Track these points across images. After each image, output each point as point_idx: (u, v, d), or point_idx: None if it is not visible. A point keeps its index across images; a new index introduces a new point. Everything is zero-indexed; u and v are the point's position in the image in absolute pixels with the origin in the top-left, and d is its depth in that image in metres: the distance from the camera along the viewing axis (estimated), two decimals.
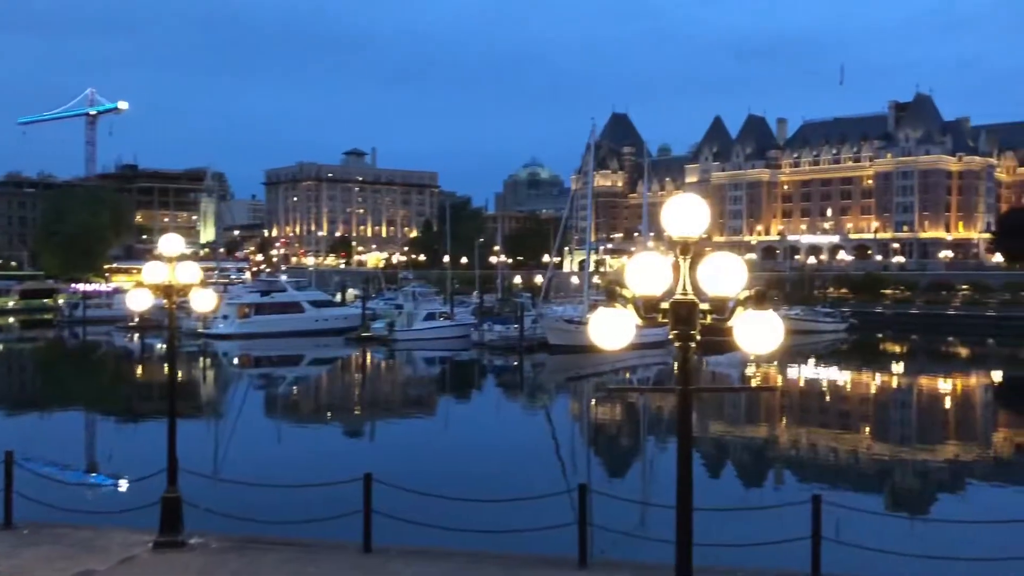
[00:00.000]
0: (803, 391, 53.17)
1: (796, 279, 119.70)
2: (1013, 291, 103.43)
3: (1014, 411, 47.94)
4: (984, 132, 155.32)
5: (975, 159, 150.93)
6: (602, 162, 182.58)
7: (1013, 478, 29.01)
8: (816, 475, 28.85)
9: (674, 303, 5.49)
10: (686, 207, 5.58)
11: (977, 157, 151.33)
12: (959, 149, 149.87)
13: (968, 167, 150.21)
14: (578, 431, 38.84)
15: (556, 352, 61.44)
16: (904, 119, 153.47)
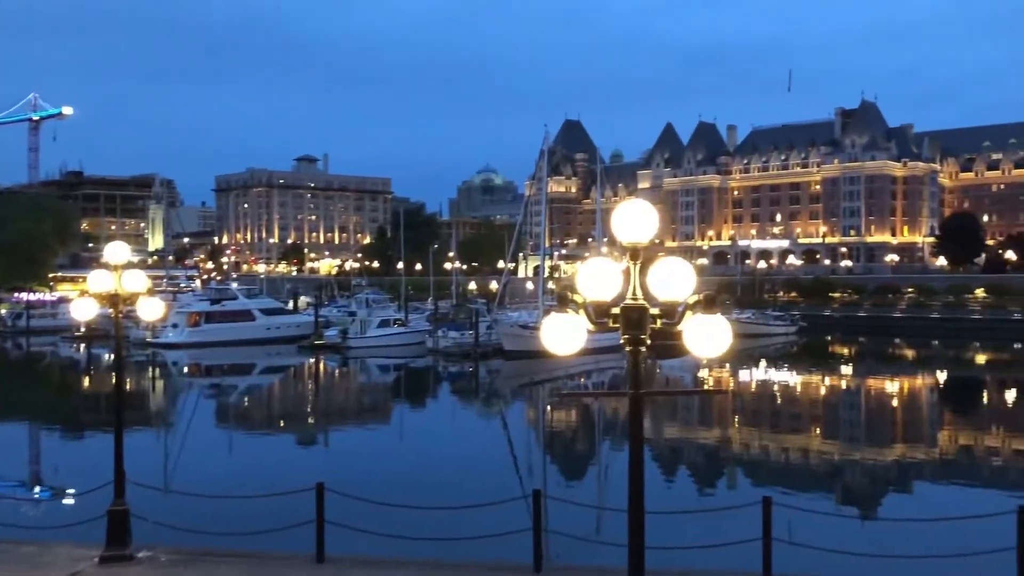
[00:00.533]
0: (755, 394, 53.88)
1: (747, 283, 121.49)
2: (956, 294, 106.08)
3: (958, 411, 49.11)
4: (927, 139, 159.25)
5: (919, 165, 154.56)
6: (556, 168, 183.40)
7: (958, 476, 29.69)
8: (768, 476, 29.23)
9: (625, 308, 5.53)
10: (635, 213, 5.63)
11: (921, 163, 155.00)
12: (904, 155, 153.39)
13: (912, 173, 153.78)
14: (533, 437, 38.85)
15: (511, 358, 61.48)
16: (850, 125, 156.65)
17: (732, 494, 26.25)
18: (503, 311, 73.34)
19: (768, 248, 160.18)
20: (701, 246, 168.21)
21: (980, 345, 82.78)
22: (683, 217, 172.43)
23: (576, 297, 5.61)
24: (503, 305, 76.59)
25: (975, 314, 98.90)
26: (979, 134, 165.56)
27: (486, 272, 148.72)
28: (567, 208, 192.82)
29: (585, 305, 5.60)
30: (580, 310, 5.58)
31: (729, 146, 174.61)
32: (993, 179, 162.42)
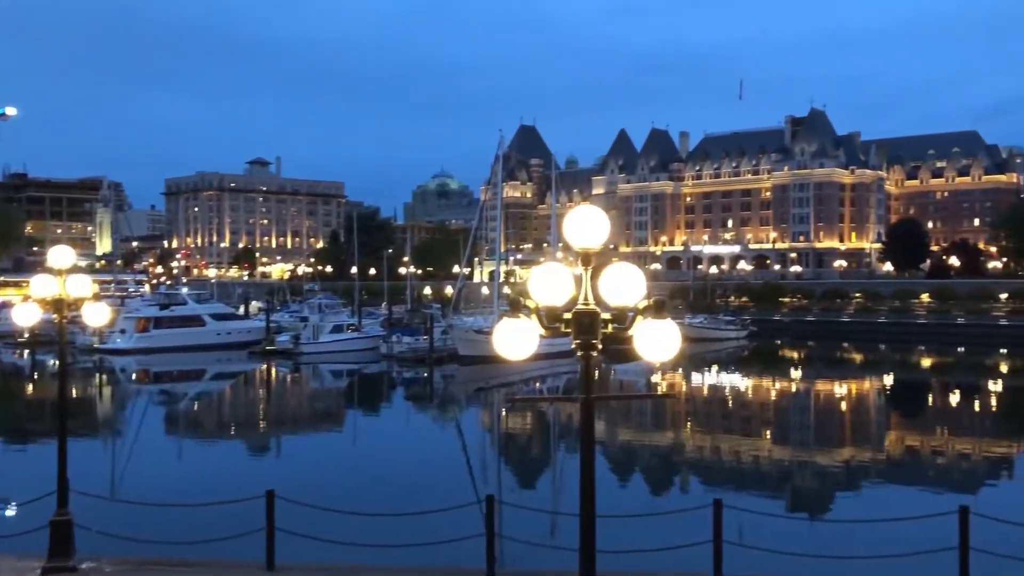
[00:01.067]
0: (707, 397, 54.50)
1: (699, 288, 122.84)
2: (902, 298, 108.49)
3: (904, 413, 50.20)
4: (874, 146, 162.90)
5: (866, 172, 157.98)
6: (511, 173, 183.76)
7: (904, 477, 30.33)
8: (719, 479, 29.56)
9: (576, 313, 5.56)
10: (587, 219, 5.66)
11: (868, 170, 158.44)
12: (851, 163, 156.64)
13: (860, 180, 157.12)
14: (488, 442, 38.83)
15: (466, 363, 61.37)
16: (800, 133, 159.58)
17: (684, 497, 26.50)
18: (458, 316, 73.18)
19: (720, 253, 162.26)
20: (654, 251, 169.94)
21: (925, 349, 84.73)
22: (637, 223, 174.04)
23: (528, 302, 5.63)
24: (458, 310, 76.41)
25: (920, 318, 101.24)
26: (924, 143, 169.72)
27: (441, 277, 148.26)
28: (522, 213, 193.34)
29: (537, 310, 5.61)
30: (532, 315, 5.60)
31: (682, 153, 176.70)
32: (937, 187, 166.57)
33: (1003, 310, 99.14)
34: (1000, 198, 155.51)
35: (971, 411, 49.76)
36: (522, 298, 5.73)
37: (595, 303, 5.72)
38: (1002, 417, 47.73)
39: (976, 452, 36.23)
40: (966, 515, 12.33)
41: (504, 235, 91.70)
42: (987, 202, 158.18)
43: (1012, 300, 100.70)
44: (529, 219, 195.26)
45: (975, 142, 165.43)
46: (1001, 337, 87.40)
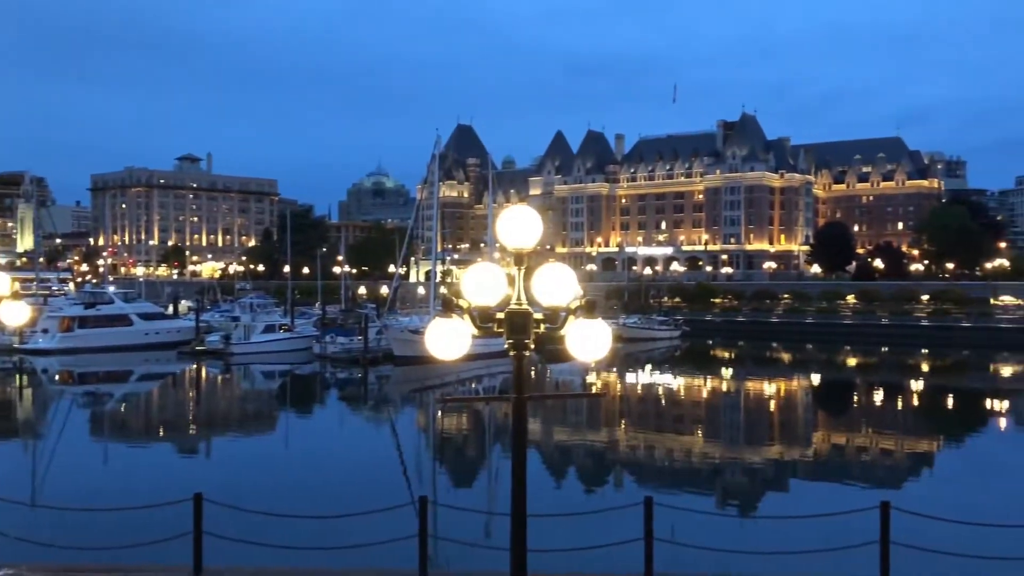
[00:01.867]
0: (640, 396, 55.15)
1: (633, 289, 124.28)
2: (829, 300, 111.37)
3: (830, 411, 51.53)
4: (803, 151, 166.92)
5: (795, 176, 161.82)
6: (448, 173, 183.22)
7: (830, 474, 31.13)
8: (652, 477, 29.94)
9: (509, 313, 5.57)
10: (520, 219, 5.67)
11: (797, 175, 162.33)
12: (781, 167, 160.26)
13: (789, 184, 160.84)
14: (423, 443, 38.66)
15: (401, 364, 61.00)
16: (731, 137, 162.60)
17: (617, 495, 26.75)
18: (393, 316, 72.68)
19: (654, 255, 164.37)
20: (590, 252, 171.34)
21: (851, 349, 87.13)
22: (573, 223, 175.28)
23: (461, 302, 5.62)
24: (393, 310, 75.92)
25: (846, 319, 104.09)
26: (851, 148, 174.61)
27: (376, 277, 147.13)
28: (459, 213, 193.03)
29: (470, 310, 5.61)
30: (465, 315, 5.59)
31: (617, 155, 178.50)
32: (863, 191, 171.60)
33: (924, 311, 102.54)
34: (922, 202, 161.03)
35: (894, 409, 51.32)
36: (455, 298, 5.72)
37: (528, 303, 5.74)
38: (923, 415, 49.34)
39: (898, 449, 37.38)
40: (887, 510, 12.70)
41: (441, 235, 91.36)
42: (910, 206, 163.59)
43: (933, 301, 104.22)
44: (466, 219, 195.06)
45: (899, 148, 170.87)
46: (922, 337, 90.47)
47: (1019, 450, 38.04)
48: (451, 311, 5.56)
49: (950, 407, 52.85)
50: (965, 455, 36.82)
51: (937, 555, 13.45)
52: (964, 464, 34.25)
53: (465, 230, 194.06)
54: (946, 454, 36.90)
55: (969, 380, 67.33)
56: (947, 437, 40.68)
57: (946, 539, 15.27)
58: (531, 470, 21.64)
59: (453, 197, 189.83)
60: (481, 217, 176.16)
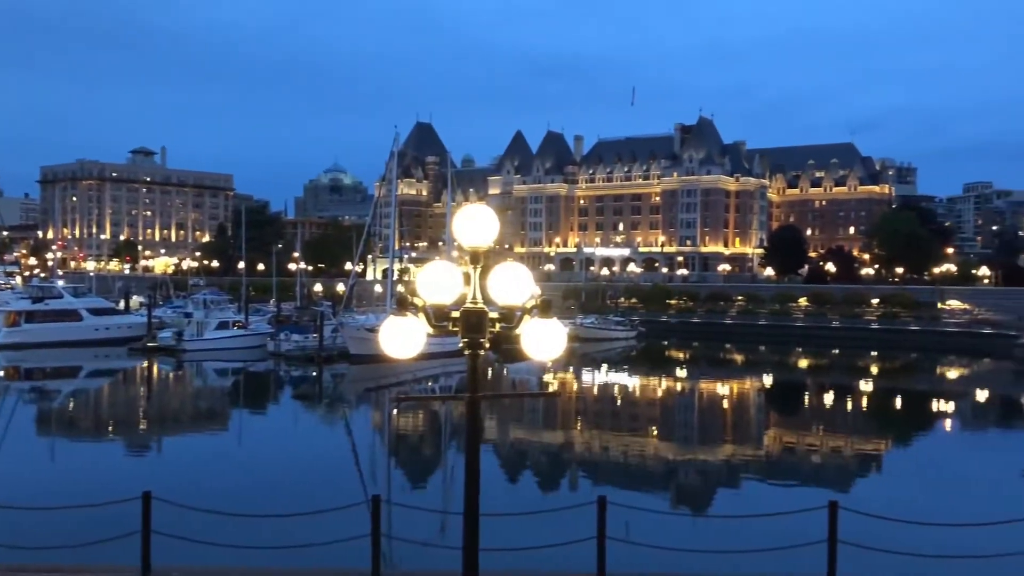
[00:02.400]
0: (596, 396, 55.45)
1: (591, 289, 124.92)
2: (782, 302, 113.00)
3: (782, 412, 52.29)
4: (758, 155, 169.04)
5: (750, 180, 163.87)
6: (407, 170, 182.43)
7: (781, 473, 31.60)
8: (607, 477, 30.12)
9: (464, 312, 5.56)
10: (476, 218, 5.66)
11: (752, 178, 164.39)
12: (736, 170, 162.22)
13: (744, 187, 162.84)
14: (378, 442, 38.47)
15: (357, 362, 60.57)
16: (688, 141, 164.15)
17: (572, 494, 26.89)
18: (349, 314, 72.18)
19: (611, 256, 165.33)
20: (548, 252, 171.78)
21: (802, 350, 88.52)
22: (532, 223, 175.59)
23: (416, 300, 5.59)
24: (349, 308, 75.40)
25: (798, 321, 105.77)
26: (805, 153, 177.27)
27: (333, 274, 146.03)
28: (418, 211, 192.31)
29: (425, 308, 5.58)
30: (419, 313, 5.57)
31: (576, 156, 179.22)
32: (816, 195, 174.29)
33: (874, 314, 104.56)
34: (873, 208, 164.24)
35: (843, 410, 52.24)
36: (410, 296, 5.69)
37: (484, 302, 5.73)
38: (872, 416, 50.30)
39: (847, 449, 38.06)
40: (835, 510, 12.93)
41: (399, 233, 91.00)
42: (861, 211, 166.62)
43: (882, 305, 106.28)
44: (424, 217, 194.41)
45: (851, 154, 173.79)
46: (872, 340, 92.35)
47: (963, 451, 38.96)
48: (405, 309, 5.54)
49: (898, 408, 53.95)
50: (911, 455, 37.62)
51: (882, 553, 13.72)
52: (910, 464, 34.99)
53: (423, 228, 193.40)
54: (893, 454, 37.65)
55: (916, 382, 68.81)
56: (895, 438, 41.51)
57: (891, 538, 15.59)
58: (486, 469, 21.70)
59: (412, 195, 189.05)
60: (440, 216, 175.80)
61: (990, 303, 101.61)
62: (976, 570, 13.62)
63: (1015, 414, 52.44)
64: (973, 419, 49.67)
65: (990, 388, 64.43)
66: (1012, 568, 13.43)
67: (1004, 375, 70.37)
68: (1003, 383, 66.76)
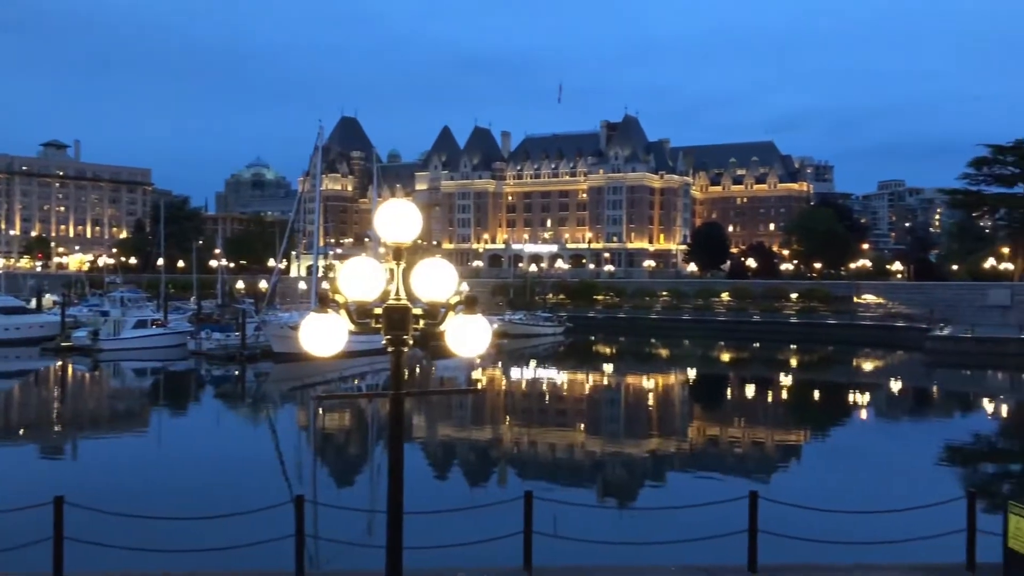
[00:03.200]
0: (524, 392, 55.70)
1: (519, 286, 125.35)
2: (705, 297, 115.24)
3: (705, 405, 53.33)
4: (682, 153, 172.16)
5: (674, 178, 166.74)
6: (331, 165, 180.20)
7: (704, 465, 32.20)
8: (535, 472, 30.27)
9: (387, 308, 5.50)
10: (398, 213, 5.61)
11: (676, 176, 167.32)
12: (661, 168, 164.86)
13: (668, 185, 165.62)
14: (303, 441, 37.91)
15: (281, 360, 59.64)
16: (614, 138, 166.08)
17: (500, 490, 26.94)
18: (273, 311, 71.00)
19: (539, 252, 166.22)
20: (477, 249, 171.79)
21: (724, 344, 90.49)
22: (460, 220, 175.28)
23: (337, 297, 5.52)
24: (273, 305, 74.18)
25: (721, 316, 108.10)
26: (727, 151, 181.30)
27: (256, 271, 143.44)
28: (343, 207, 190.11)
29: (346, 305, 5.51)
30: (341, 310, 5.49)
31: (503, 152, 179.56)
32: (738, 193, 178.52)
33: (793, 308, 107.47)
34: (792, 205, 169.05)
35: (764, 402, 53.55)
36: (331, 293, 5.61)
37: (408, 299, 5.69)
38: (791, 408, 51.68)
39: (768, 440, 39.02)
40: (755, 500, 13.25)
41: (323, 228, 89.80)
42: (781, 208, 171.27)
43: (801, 299, 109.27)
44: (350, 213, 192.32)
45: (771, 152, 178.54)
46: (791, 333, 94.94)
47: (878, 440, 40.32)
48: (327, 306, 5.46)
49: (816, 400, 55.54)
50: (830, 445, 38.78)
51: (801, 541, 14.11)
52: (828, 454, 36.05)
53: (349, 224, 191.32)
54: (812, 444, 38.75)
55: (834, 374, 70.95)
56: (813, 428, 42.73)
57: (810, 525, 16.05)
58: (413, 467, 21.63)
59: (336, 190, 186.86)
60: (366, 211, 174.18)
61: (903, 297, 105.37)
62: (892, 554, 14.12)
63: (926, 404, 54.53)
64: (887, 409, 51.45)
65: (903, 379, 66.86)
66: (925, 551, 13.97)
67: (916, 367, 73.09)
68: (915, 375, 69.36)
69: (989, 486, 28.40)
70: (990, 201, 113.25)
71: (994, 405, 52.81)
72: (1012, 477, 31.11)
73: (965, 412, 50.39)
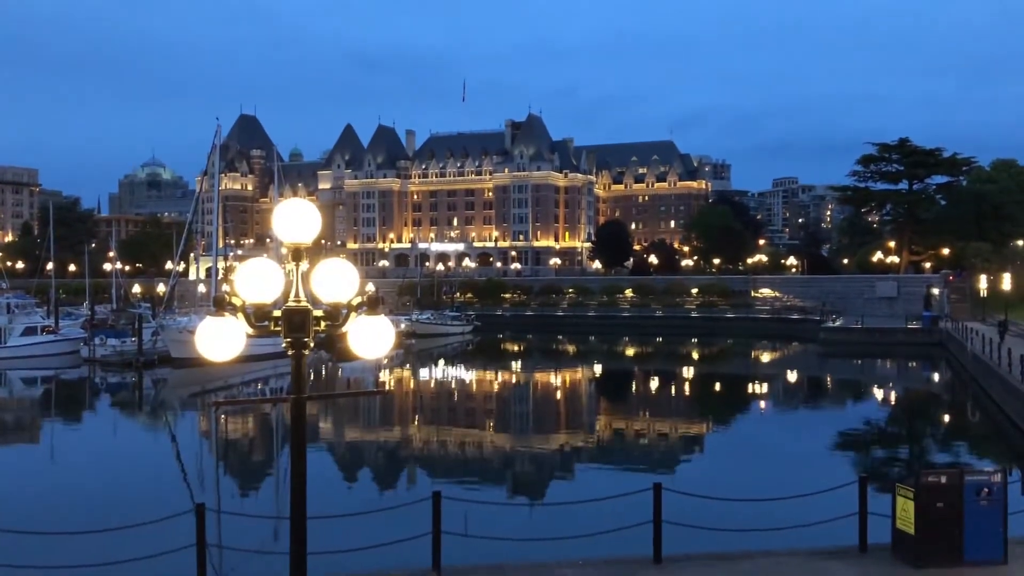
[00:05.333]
0: (432, 392, 55.52)
1: (426, 285, 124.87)
2: (610, 294, 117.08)
3: (611, 400, 54.17)
4: (585, 152, 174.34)
5: (578, 176, 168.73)
6: (230, 164, 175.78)
7: (611, 458, 32.72)
8: (443, 472, 30.19)
9: (286, 311, 5.39)
10: (297, 212, 5.50)
11: (580, 175, 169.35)
12: (565, 167, 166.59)
13: (573, 183, 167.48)
14: (205, 449, 36.88)
15: (180, 366, 57.89)
16: (519, 137, 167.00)
17: (408, 492, 26.77)
18: (170, 315, 68.89)
19: (446, 251, 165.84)
20: (383, 248, 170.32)
21: (629, 339, 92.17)
22: (364, 219, 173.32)
23: (234, 299, 5.37)
24: (171, 309, 71.99)
25: (625, 312, 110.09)
26: (629, 150, 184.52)
27: (152, 274, 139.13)
28: (243, 207, 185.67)
29: (243, 308, 5.37)
30: (238, 313, 5.35)
31: (408, 151, 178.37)
32: (639, 191, 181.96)
33: (694, 303, 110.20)
34: (692, 202, 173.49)
35: (667, 395, 54.74)
36: (228, 296, 5.46)
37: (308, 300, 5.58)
38: (694, 400, 52.98)
39: (671, 432, 39.92)
40: (659, 491, 13.53)
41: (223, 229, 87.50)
42: (681, 206, 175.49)
43: (701, 294, 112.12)
44: (251, 213, 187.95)
45: (671, 151, 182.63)
46: (692, 327, 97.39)
47: (776, 429, 41.71)
48: (224, 309, 5.31)
49: (717, 392, 57.10)
50: (730, 435, 39.91)
51: (705, 531, 14.47)
52: (729, 444, 37.10)
53: (249, 224, 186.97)
54: (713, 436, 39.79)
55: (733, 367, 73.10)
56: (714, 420, 43.88)
57: (712, 514, 16.48)
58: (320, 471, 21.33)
59: (236, 190, 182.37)
60: (266, 211, 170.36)
61: (797, 291, 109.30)
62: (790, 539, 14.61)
63: (820, 393, 56.69)
64: (784, 399, 53.29)
65: (798, 370, 69.37)
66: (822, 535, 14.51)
67: (810, 357, 75.91)
68: (809, 365, 72.02)
69: (879, 470, 29.71)
70: (877, 197, 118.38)
71: (883, 393, 55.29)
72: (900, 461, 32.62)
73: (856, 400, 52.59)
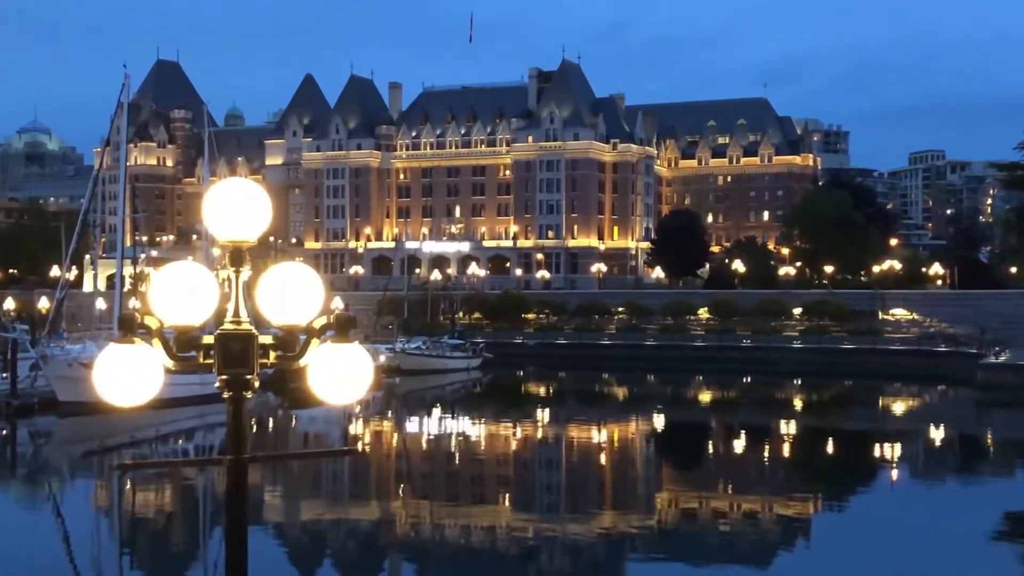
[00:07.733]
0: (425, 452, 55.57)
1: (417, 300, 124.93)
2: (676, 315, 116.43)
3: (678, 465, 53.99)
4: (641, 114, 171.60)
5: (632, 148, 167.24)
6: (143, 130, 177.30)
7: (678, 548, 32.57)
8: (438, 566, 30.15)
9: (221, 336, 5.38)
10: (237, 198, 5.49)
11: (634, 145, 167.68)
12: (613, 134, 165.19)
13: (624, 158, 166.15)
14: (105, 529, 37.16)
15: (70, 412, 58.27)
16: (548, 92, 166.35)
17: None
18: (57, 342, 69.48)
19: (445, 252, 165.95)
20: (356, 248, 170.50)
21: (703, 379, 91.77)
22: (331, 207, 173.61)
23: (148, 320, 5.37)
24: (58, 333, 72.59)
25: (698, 340, 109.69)
26: (704, 111, 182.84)
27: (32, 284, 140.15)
28: (160, 190, 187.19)
29: (161, 332, 5.36)
30: (154, 339, 5.35)
31: (392, 112, 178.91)
32: (719, 169, 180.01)
33: (796, 329, 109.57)
34: (794, 185, 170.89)
35: (759, 460, 54.46)
36: (140, 315, 5.45)
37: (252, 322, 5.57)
38: (796, 467, 52.70)
39: (765, 513, 39.68)
40: None
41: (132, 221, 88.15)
42: (779, 190, 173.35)
43: (807, 316, 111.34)
44: (171, 198, 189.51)
45: (764, 113, 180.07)
46: (795, 363, 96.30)
47: (915, 511, 41.36)
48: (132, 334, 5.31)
49: (829, 456, 56.73)
50: (848, 519, 39.59)
51: None
52: (847, 531, 36.81)
53: (169, 215, 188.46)
54: (825, 518, 39.53)
55: (853, 420, 72.63)
56: (826, 496, 43.59)
57: None
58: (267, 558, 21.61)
59: (152, 165, 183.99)
60: (194, 196, 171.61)
61: (945, 312, 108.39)
62: None
63: (978, 457, 56.20)
64: (927, 468, 52.91)
65: (947, 425, 68.74)
66: None
67: (964, 407, 75.38)
68: (963, 418, 71.45)
69: None
70: None
71: None
72: None
73: None
